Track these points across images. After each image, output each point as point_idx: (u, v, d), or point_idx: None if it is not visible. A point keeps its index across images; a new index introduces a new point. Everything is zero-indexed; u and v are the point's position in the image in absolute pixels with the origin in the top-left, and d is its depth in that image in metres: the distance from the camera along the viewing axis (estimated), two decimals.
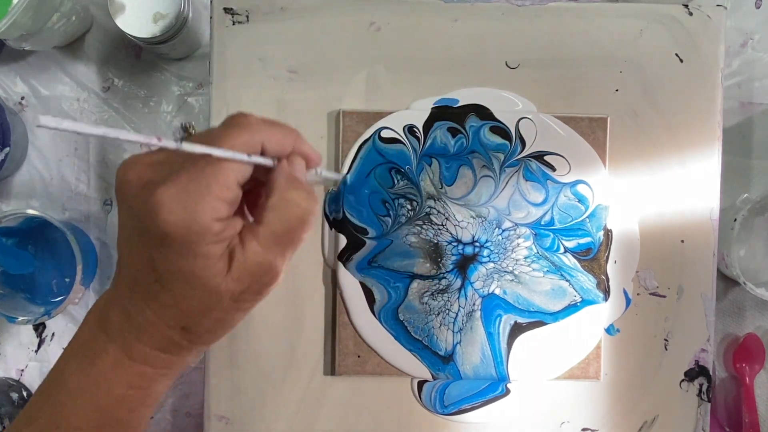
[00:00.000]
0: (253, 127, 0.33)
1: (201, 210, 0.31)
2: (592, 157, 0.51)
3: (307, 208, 0.34)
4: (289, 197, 0.34)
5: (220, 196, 0.31)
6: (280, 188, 0.34)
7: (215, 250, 0.32)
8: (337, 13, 0.51)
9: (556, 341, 0.51)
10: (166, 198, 0.30)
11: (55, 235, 0.57)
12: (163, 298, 0.33)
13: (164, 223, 0.30)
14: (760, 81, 0.60)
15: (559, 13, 0.52)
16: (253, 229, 0.33)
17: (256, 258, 0.33)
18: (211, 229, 0.31)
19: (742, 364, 0.59)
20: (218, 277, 0.32)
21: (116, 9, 0.53)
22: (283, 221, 0.33)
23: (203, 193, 0.31)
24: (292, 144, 0.35)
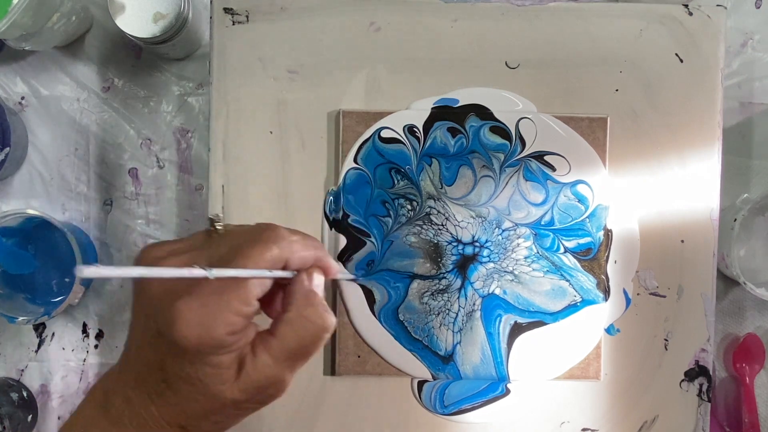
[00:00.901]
0: (281, 243, 0.33)
1: (217, 326, 0.31)
2: (592, 157, 0.51)
3: (324, 326, 0.34)
4: (307, 314, 0.34)
5: (239, 313, 0.32)
6: (298, 304, 0.34)
7: (225, 360, 0.32)
8: (337, 13, 0.51)
9: (556, 341, 0.51)
10: (185, 311, 0.31)
11: (55, 235, 0.57)
12: (168, 397, 0.33)
13: (179, 335, 0.31)
14: (760, 81, 0.60)
15: (559, 13, 0.52)
16: (266, 341, 0.33)
17: (266, 371, 0.33)
18: (224, 343, 0.32)
19: (742, 364, 0.59)
20: (225, 384, 0.33)
21: (116, 9, 0.53)
22: (298, 337, 0.34)
23: (222, 310, 0.31)
24: (314, 258, 0.35)
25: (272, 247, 0.33)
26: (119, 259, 0.60)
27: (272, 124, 0.51)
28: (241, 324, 0.32)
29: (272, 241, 0.33)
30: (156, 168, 0.60)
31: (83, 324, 0.60)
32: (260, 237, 0.33)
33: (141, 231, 0.60)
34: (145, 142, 0.60)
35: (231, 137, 0.51)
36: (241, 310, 0.32)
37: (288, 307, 0.34)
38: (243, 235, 0.34)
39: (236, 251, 0.32)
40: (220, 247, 0.33)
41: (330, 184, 0.51)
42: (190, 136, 0.60)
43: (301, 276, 0.35)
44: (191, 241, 0.35)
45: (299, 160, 0.51)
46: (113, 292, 0.60)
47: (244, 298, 0.32)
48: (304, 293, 0.34)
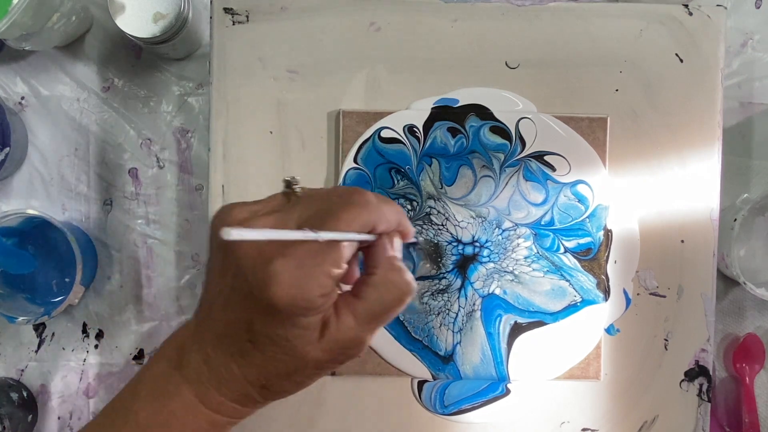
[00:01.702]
0: (371, 207, 0.33)
1: (311, 287, 0.31)
2: (592, 157, 0.51)
3: (408, 290, 0.34)
4: (391, 278, 0.34)
5: (331, 274, 0.32)
6: (384, 268, 0.34)
7: (313, 321, 0.33)
8: (337, 13, 0.51)
9: (556, 341, 0.51)
10: (281, 272, 0.31)
11: (55, 235, 0.57)
12: (252, 357, 0.33)
13: (274, 296, 0.31)
14: (760, 81, 0.60)
15: (559, 13, 0.52)
16: (350, 303, 0.34)
17: (349, 333, 0.33)
18: (316, 304, 0.32)
19: (742, 364, 0.59)
20: (310, 345, 0.33)
21: (116, 9, 0.53)
22: (383, 301, 0.34)
23: (316, 271, 0.31)
24: (397, 222, 0.35)
25: (363, 210, 0.33)
26: (119, 259, 0.60)
27: (272, 124, 0.51)
28: (331, 286, 0.32)
29: (363, 205, 0.33)
30: (156, 168, 0.60)
31: (83, 324, 0.60)
32: (351, 200, 0.33)
33: (141, 231, 0.60)
34: (145, 142, 0.60)
35: (231, 137, 0.51)
36: (333, 273, 0.32)
37: (372, 270, 0.34)
38: (330, 197, 0.34)
39: (327, 214, 0.32)
40: (305, 208, 0.33)
41: (330, 184, 0.51)
42: (190, 136, 0.60)
43: (383, 240, 0.35)
44: (271, 204, 0.35)
45: (299, 160, 0.51)
46: (113, 292, 0.60)
47: (336, 260, 0.32)
48: (388, 257, 0.35)
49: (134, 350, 0.60)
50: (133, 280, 0.60)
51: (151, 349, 0.60)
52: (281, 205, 0.35)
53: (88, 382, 0.60)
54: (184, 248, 0.60)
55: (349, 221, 0.32)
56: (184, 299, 0.60)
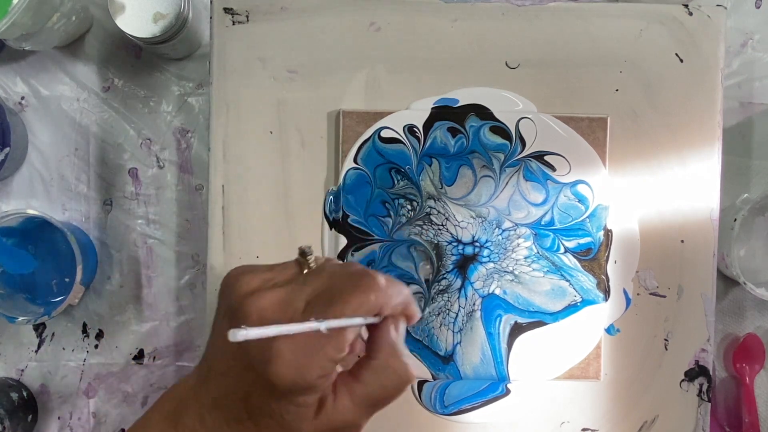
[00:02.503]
0: (379, 291, 0.33)
1: (312, 369, 0.31)
2: (592, 157, 0.51)
3: (407, 379, 0.34)
4: (393, 364, 0.34)
5: (333, 358, 0.32)
6: (385, 353, 0.34)
7: (310, 400, 0.33)
8: (337, 13, 0.51)
9: (556, 341, 0.51)
10: (284, 352, 0.31)
11: (55, 235, 0.57)
12: (247, 426, 0.33)
13: (274, 374, 0.31)
14: (760, 81, 0.60)
15: (559, 13, 0.52)
16: (349, 385, 0.34)
17: (345, 416, 0.33)
18: (315, 385, 0.32)
19: (742, 364, 0.59)
20: (304, 422, 0.33)
21: (116, 9, 0.53)
22: (382, 386, 0.34)
23: (318, 354, 0.31)
24: (403, 306, 0.35)
25: (371, 295, 0.33)
26: (119, 259, 0.60)
27: (272, 124, 0.51)
28: (332, 368, 0.32)
29: (371, 290, 0.33)
30: (156, 168, 0.60)
31: (83, 324, 0.60)
32: (360, 283, 0.33)
33: (141, 231, 0.60)
34: (145, 142, 0.60)
35: (231, 137, 0.51)
36: (335, 356, 0.32)
37: (374, 354, 0.34)
38: (340, 277, 0.34)
39: (335, 296, 0.32)
40: (316, 285, 0.33)
41: (330, 184, 0.51)
42: (190, 136, 0.60)
43: (388, 324, 0.35)
44: (284, 273, 0.35)
45: (299, 160, 0.51)
46: (113, 292, 0.60)
47: (339, 345, 0.32)
48: (390, 342, 0.35)
49: (134, 350, 0.60)
50: (133, 280, 0.60)
51: (151, 349, 0.60)
52: (294, 276, 0.35)
53: (88, 382, 0.60)
54: (184, 248, 0.60)
55: (355, 306, 0.32)
56: (184, 299, 0.60)
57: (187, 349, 0.60)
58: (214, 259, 0.51)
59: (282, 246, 0.51)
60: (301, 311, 0.32)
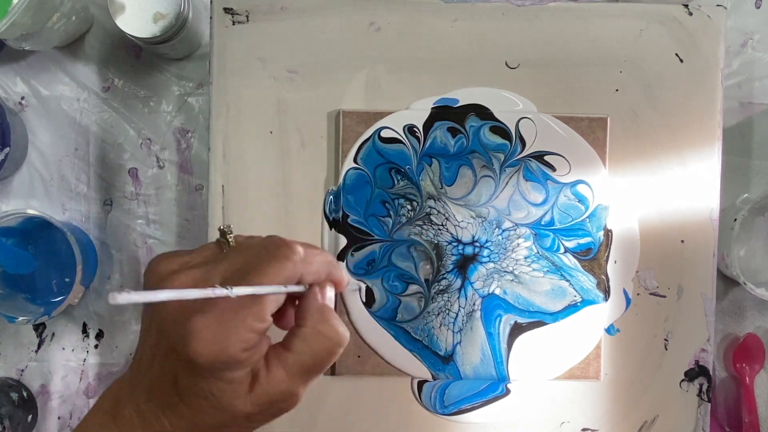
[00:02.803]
0: (296, 259, 0.33)
1: (232, 342, 0.31)
2: (592, 157, 0.51)
3: (338, 341, 0.34)
4: (322, 329, 0.34)
5: (254, 329, 0.32)
6: (313, 319, 0.34)
7: (239, 375, 0.32)
8: (337, 13, 0.51)
9: (556, 341, 0.51)
10: (200, 328, 0.31)
11: (55, 235, 0.57)
12: (181, 410, 0.33)
13: (194, 352, 0.31)
14: (760, 81, 0.60)
15: (559, 13, 0.52)
16: (281, 355, 0.34)
17: (281, 386, 0.33)
18: (239, 359, 0.32)
19: (742, 364, 0.59)
20: (238, 399, 0.33)
21: (116, 9, 0.53)
22: (313, 352, 0.34)
23: (237, 326, 0.31)
24: (326, 272, 0.35)
25: (287, 263, 0.32)
26: (119, 259, 0.60)
27: (272, 124, 0.51)
28: (255, 340, 0.32)
29: (287, 258, 0.33)
30: (156, 168, 0.60)
31: (83, 324, 0.60)
32: (276, 253, 0.33)
33: (141, 231, 0.60)
34: (145, 142, 0.60)
35: (231, 137, 0.51)
36: (256, 327, 0.32)
37: (302, 321, 0.34)
38: (257, 249, 0.34)
39: (251, 267, 0.32)
40: (233, 261, 0.33)
41: (330, 184, 0.51)
42: (190, 136, 0.60)
43: (314, 291, 0.35)
44: (203, 254, 0.35)
45: (299, 160, 0.51)
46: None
47: (259, 315, 0.32)
48: (318, 308, 0.34)
49: (134, 350, 0.60)
50: (133, 280, 0.60)
51: None
52: (214, 256, 0.35)
53: (88, 382, 0.60)
54: (184, 248, 0.60)
55: (272, 275, 0.32)
56: None
57: None
58: None
59: None
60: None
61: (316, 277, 0.35)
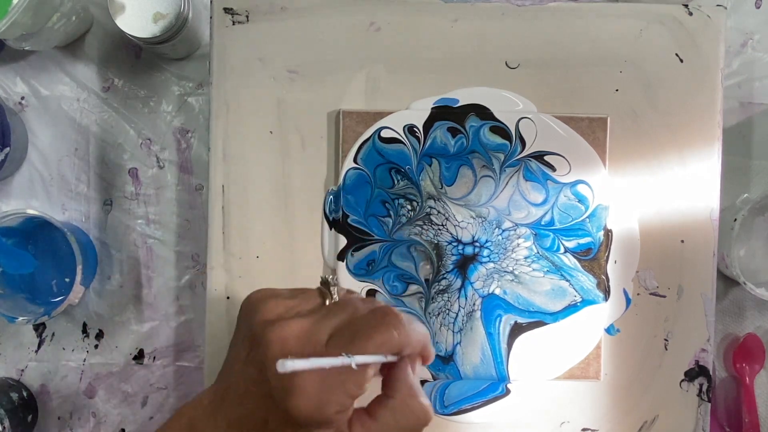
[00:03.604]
0: (401, 329, 0.33)
1: (331, 404, 0.32)
2: (592, 157, 0.51)
3: (425, 420, 0.34)
4: (411, 405, 0.34)
5: (351, 394, 0.32)
6: (403, 393, 0.34)
7: None
8: (337, 13, 0.51)
9: (556, 341, 0.51)
10: (305, 385, 0.31)
11: (55, 235, 0.57)
12: None
13: (293, 406, 0.31)
14: (760, 81, 0.60)
15: (559, 13, 0.52)
16: (365, 423, 0.34)
17: None
18: (332, 420, 0.32)
19: (742, 364, 0.59)
20: None
21: (116, 9, 0.53)
22: (399, 427, 0.34)
23: (338, 389, 0.32)
24: (423, 346, 0.35)
25: (394, 333, 0.33)
26: (119, 259, 0.60)
27: (272, 124, 0.51)
28: (350, 404, 0.33)
29: (395, 328, 0.33)
30: (156, 168, 0.60)
31: (83, 324, 0.60)
32: (384, 321, 0.33)
33: (141, 231, 0.60)
34: (145, 142, 0.60)
35: (231, 137, 0.51)
36: (354, 392, 0.32)
37: (391, 392, 0.34)
38: (363, 312, 0.34)
39: (359, 331, 0.33)
40: (337, 317, 0.34)
41: (330, 184, 0.51)
42: (190, 136, 0.60)
43: (406, 364, 0.35)
44: (308, 303, 0.35)
45: (299, 160, 0.51)
46: (113, 292, 0.60)
47: (359, 381, 0.32)
48: (408, 382, 0.35)
49: (134, 350, 0.60)
50: (133, 280, 0.60)
51: (151, 349, 0.60)
52: (317, 307, 0.35)
53: (88, 382, 0.60)
54: (184, 248, 0.60)
55: (379, 344, 0.32)
56: (184, 299, 0.60)
57: (187, 349, 0.60)
58: (214, 259, 0.51)
59: (282, 246, 0.51)
60: (324, 344, 0.32)
61: (413, 350, 0.35)
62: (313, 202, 0.51)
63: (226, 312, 0.51)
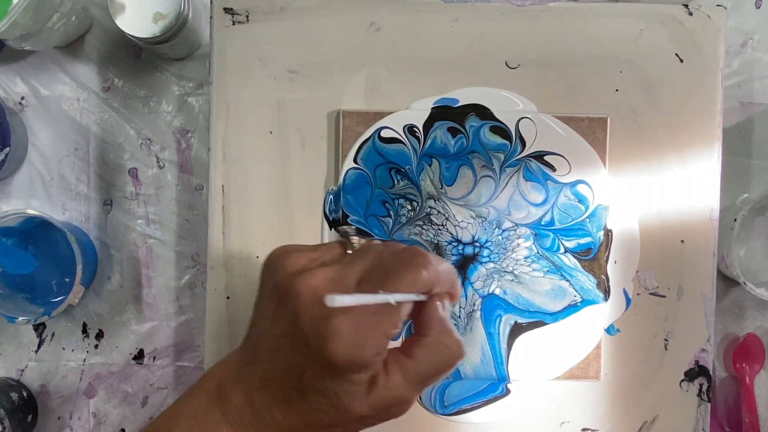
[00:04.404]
0: (431, 268, 0.33)
1: (369, 346, 0.32)
2: (592, 157, 0.51)
3: (459, 353, 0.35)
4: (445, 340, 0.34)
5: (387, 335, 0.32)
6: (436, 329, 0.34)
7: (363, 378, 0.33)
8: (337, 13, 0.51)
9: (556, 341, 0.51)
10: (343, 328, 0.31)
11: (55, 235, 0.57)
12: (298, 405, 0.33)
13: (332, 351, 0.31)
14: (760, 81, 0.60)
15: (559, 13, 0.52)
16: (401, 362, 0.34)
17: (398, 392, 0.34)
18: (370, 362, 0.32)
19: (742, 364, 0.59)
20: (357, 400, 0.33)
21: (116, 9, 0.53)
22: (434, 362, 0.34)
23: (374, 331, 0.32)
24: (451, 284, 0.36)
25: (423, 272, 0.33)
26: (119, 259, 0.60)
27: (272, 124, 0.51)
28: (386, 345, 0.33)
29: (424, 266, 0.33)
30: (156, 168, 0.60)
31: (83, 324, 0.60)
32: (412, 261, 0.33)
33: (141, 231, 0.60)
34: (145, 142, 0.60)
35: (231, 137, 0.51)
36: (390, 332, 0.32)
37: (425, 330, 0.34)
38: (389, 255, 0.34)
39: (389, 272, 0.33)
40: (363, 262, 0.34)
41: (330, 184, 0.51)
42: (190, 136, 0.60)
43: (436, 302, 0.35)
44: (331, 252, 0.35)
45: (299, 160, 0.51)
46: (113, 292, 0.60)
47: (394, 321, 0.32)
48: (440, 319, 0.35)
49: (134, 350, 0.60)
50: (133, 280, 0.60)
51: (151, 349, 0.60)
52: (339, 256, 0.35)
53: (88, 382, 0.60)
54: (184, 248, 0.60)
55: (411, 282, 0.32)
56: (184, 299, 0.60)
57: (187, 349, 0.60)
58: (214, 259, 0.51)
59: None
60: (353, 288, 0.33)
61: (442, 288, 0.35)
62: (313, 202, 0.51)
63: (226, 312, 0.51)
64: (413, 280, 0.32)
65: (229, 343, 0.51)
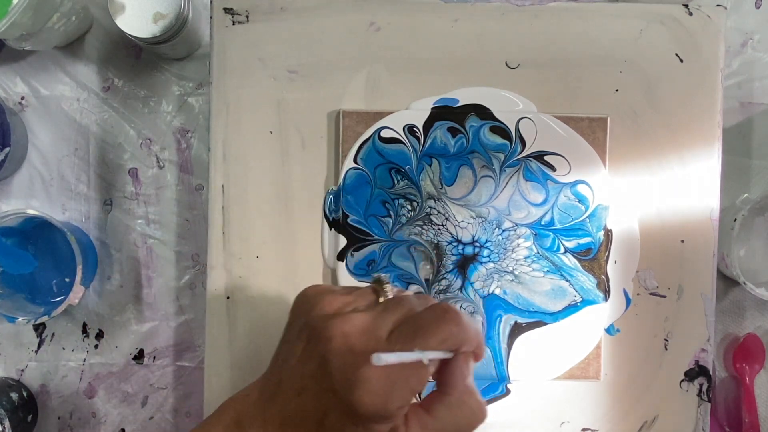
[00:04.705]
0: (461, 326, 0.33)
1: (394, 400, 0.31)
2: (592, 157, 0.51)
3: (481, 417, 0.34)
4: (468, 401, 0.34)
5: (413, 390, 0.32)
6: (459, 390, 0.34)
7: (384, 429, 0.33)
8: (337, 13, 0.51)
9: (556, 341, 0.51)
10: (372, 379, 0.31)
11: (55, 235, 0.57)
12: None
13: (359, 400, 0.31)
14: (760, 81, 0.60)
15: (559, 13, 0.52)
16: (422, 418, 0.34)
17: None
18: (393, 415, 0.32)
19: (742, 364, 0.59)
20: None
21: (116, 9, 0.53)
22: (455, 423, 0.34)
23: (402, 384, 0.32)
24: (477, 344, 0.35)
25: (455, 330, 0.33)
26: (119, 259, 0.60)
27: (272, 124, 0.51)
28: (411, 400, 0.33)
29: (456, 324, 0.33)
30: (156, 168, 0.60)
31: (83, 324, 0.60)
32: (445, 317, 0.33)
33: (141, 231, 0.60)
34: (145, 142, 0.60)
35: (231, 137, 0.51)
36: (416, 388, 0.32)
37: (448, 389, 0.34)
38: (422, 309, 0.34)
39: (421, 327, 0.33)
40: (396, 313, 0.34)
41: (330, 184, 0.51)
42: (190, 136, 0.60)
43: (462, 361, 0.35)
44: (363, 299, 0.35)
45: (299, 160, 0.51)
46: (113, 292, 0.60)
47: (422, 377, 0.32)
48: (465, 378, 0.35)
49: (134, 350, 0.60)
50: (133, 280, 0.60)
51: (151, 349, 0.60)
52: (373, 304, 0.35)
53: (88, 382, 0.60)
54: (184, 248, 0.60)
55: (442, 340, 0.32)
56: (184, 299, 0.60)
57: (187, 349, 0.60)
58: (214, 259, 0.51)
59: (282, 246, 0.51)
60: (384, 339, 0.32)
61: (469, 347, 0.35)
62: (313, 202, 0.51)
63: (226, 312, 0.51)
64: (444, 338, 0.32)
65: (229, 343, 0.51)
